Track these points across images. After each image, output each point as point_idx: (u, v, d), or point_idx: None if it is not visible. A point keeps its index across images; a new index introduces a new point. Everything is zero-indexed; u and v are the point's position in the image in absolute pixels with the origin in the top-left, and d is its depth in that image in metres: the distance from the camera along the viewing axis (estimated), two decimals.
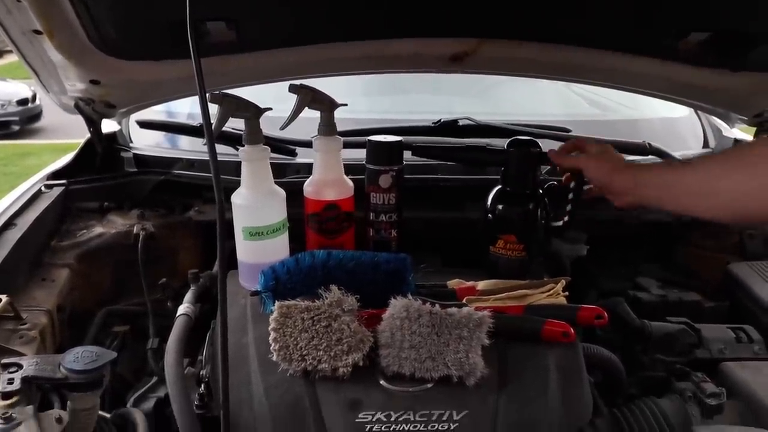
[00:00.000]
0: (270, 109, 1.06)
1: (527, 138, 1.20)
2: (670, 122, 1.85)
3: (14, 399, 0.79)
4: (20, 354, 0.92)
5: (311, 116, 1.13)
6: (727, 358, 1.10)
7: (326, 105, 1.10)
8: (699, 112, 1.78)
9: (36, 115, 9.34)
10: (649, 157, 1.49)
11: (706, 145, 1.75)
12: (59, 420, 0.79)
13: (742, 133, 1.72)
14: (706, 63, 1.27)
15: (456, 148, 1.36)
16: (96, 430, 0.93)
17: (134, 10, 1.08)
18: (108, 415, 0.97)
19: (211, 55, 1.20)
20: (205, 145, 0.86)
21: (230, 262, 1.13)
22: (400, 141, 1.14)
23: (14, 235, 1.15)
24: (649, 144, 1.49)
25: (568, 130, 1.54)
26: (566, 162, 1.09)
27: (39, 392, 0.85)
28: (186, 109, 1.74)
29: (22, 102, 9.11)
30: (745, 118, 1.51)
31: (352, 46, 1.26)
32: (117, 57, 1.19)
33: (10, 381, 0.82)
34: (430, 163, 1.42)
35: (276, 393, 0.90)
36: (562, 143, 1.14)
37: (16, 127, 8.98)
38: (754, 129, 1.56)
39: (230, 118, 1.03)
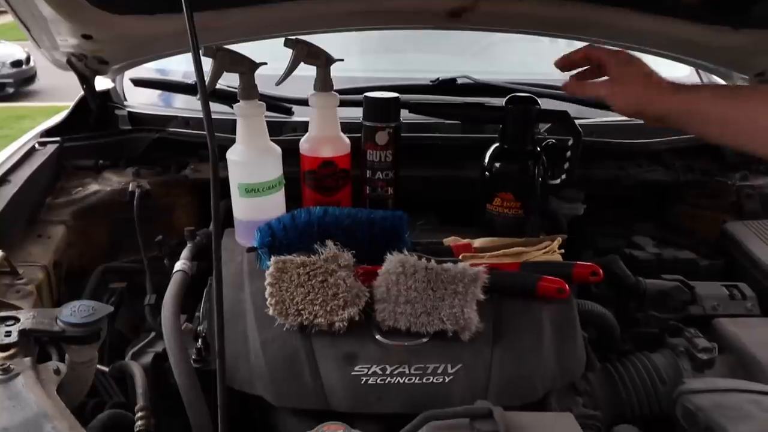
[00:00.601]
0: (265, 63, 1.04)
1: (526, 95, 1.18)
2: None
3: (12, 351, 0.80)
4: (17, 308, 0.92)
5: (307, 74, 1.11)
6: (720, 314, 1.11)
7: (322, 60, 1.09)
8: (700, 71, 1.76)
9: (30, 77, 9.23)
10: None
11: None
12: (57, 372, 0.80)
13: None
14: (707, 20, 1.25)
15: (454, 105, 1.35)
16: (95, 384, 0.94)
17: None
18: (106, 369, 0.98)
19: (205, 9, 1.18)
20: (198, 100, 0.85)
21: (227, 219, 1.13)
22: (397, 97, 1.13)
23: (8, 191, 1.14)
24: None
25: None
26: (586, 92, 0.96)
27: (37, 346, 0.86)
28: (181, 67, 1.71)
29: (16, 64, 8.99)
30: (747, 77, 1.49)
31: (349, 1, 1.24)
32: (109, 11, 1.16)
33: (8, 333, 0.82)
34: (427, 121, 1.41)
35: (272, 347, 0.91)
36: (565, 55, 1.01)
37: (11, 90, 8.88)
38: None
39: (225, 73, 1.01)
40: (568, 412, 0.86)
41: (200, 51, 0.82)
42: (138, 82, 1.52)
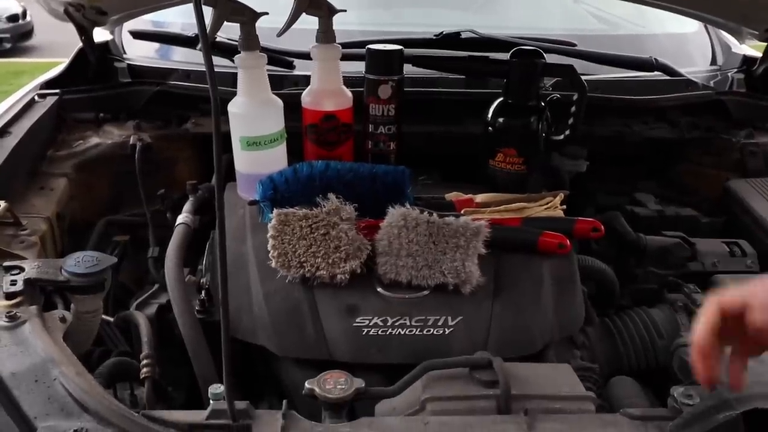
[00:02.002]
0: (266, 13, 1.02)
1: (531, 48, 1.16)
2: (678, 38, 1.79)
3: (18, 299, 0.81)
4: (22, 258, 0.93)
5: (309, 27, 1.09)
6: (719, 271, 1.11)
7: (324, 10, 1.07)
8: (709, 27, 1.73)
9: (27, 33, 9.07)
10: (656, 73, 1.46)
11: (714, 62, 1.70)
12: (63, 319, 0.81)
13: (752, 49, 1.68)
14: None
15: (457, 59, 1.32)
16: (100, 333, 0.96)
17: None
18: (111, 319, 0.99)
19: None
20: (199, 50, 0.83)
21: (229, 173, 1.13)
22: (400, 49, 1.11)
23: (9, 142, 1.14)
24: (655, 59, 1.45)
25: (574, 44, 1.49)
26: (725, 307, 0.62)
27: (42, 295, 0.87)
28: (179, 19, 1.68)
29: (12, 18, 8.82)
30: (756, 33, 1.46)
31: None
32: None
33: (13, 282, 0.83)
34: (430, 76, 1.39)
35: (275, 299, 0.92)
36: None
37: (8, 45, 8.74)
38: (765, 45, 1.52)
39: (226, 23, 1.00)
40: (566, 364, 0.88)
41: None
42: (137, 35, 1.49)
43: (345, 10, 1.08)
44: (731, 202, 1.28)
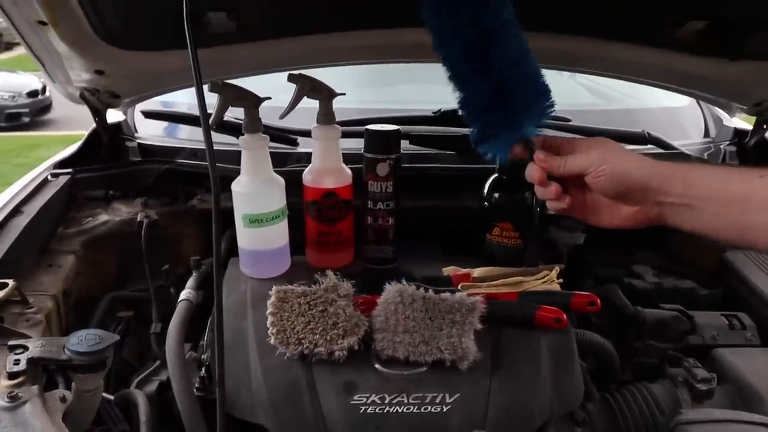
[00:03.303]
0: (269, 98, 1.08)
1: None
2: (672, 112, 1.85)
3: (20, 379, 0.82)
4: (26, 336, 0.94)
5: (312, 106, 1.14)
6: (719, 344, 1.11)
7: (324, 94, 1.12)
8: (700, 102, 1.78)
9: (46, 107, 9.43)
10: (649, 146, 1.50)
11: (707, 134, 1.75)
12: (63, 399, 0.82)
13: (743, 122, 1.72)
14: (704, 52, 1.27)
15: (453, 137, 1.37)
16: (100, 411, 0.96)
17: (139, 2, 1.10)
18: (112, 397, 1.00)
19: (212, 45, 1.22)
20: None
21: (232, 249, 1.16)
22: (397, 129, 1.16)
23: (21, 222, 1.18)
24: (648, 133, 1.50)
25: (568, 120, 1.55)
26: (565, 166, 0.81)
27: (44, 373, 0.88)
28: (185, 99, 1.76)
29: (33, 94, 9.19)
30: (745, 107, 1.51)
31: (352, 36, 1.27)
32: (121, 47, 1.20)
33: (17, 362, 0.85)
34: (427, 152, 1.44)
35: (274, 375, 0.92)
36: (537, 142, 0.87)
37: (27, 119, 9.07)
38: (754, 118, 1.56)
39: (230, 107, 1.05)
40: None
41: (206, 86, 0.85)
42: (148, 114, 1.56)
43: (344, 94, 1.13)
44: (729, 274, 1.29)
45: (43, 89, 9.24)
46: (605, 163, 0.77)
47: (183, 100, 1.76)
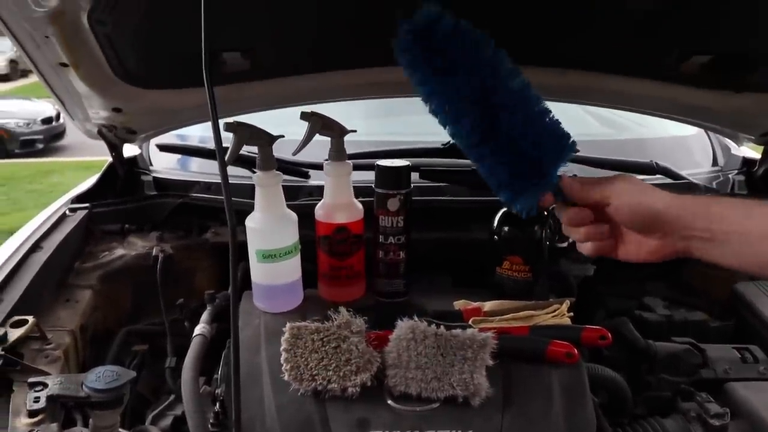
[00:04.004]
0: (282, 136, 1.10)
1: None
2: (680, 141, 1.86)
3: (40, 417, 0.84)
4: (45, 373, 0.96)
5: (323, 139, 1.17)
6: (732, 378, 1.11)
7: (336, 131, 1.14)
8: (708, 132, 1.80)
9: (60, 134, 9.58)
10: (657, 176, 1.51)
11: (715, 163, 1.76)
12: None
13: (751, 151, 1.73)
14: (709, 85, 1.30)
15: (462, 172, 1.39)
16: None
17: (155, 43, 1.13)
18: None
19: (227, 83, 1.26)
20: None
21: (245, 282, 1.18)
22: (408, 165, 1.18)
23: (40, 257, 1.20)
24: (656, 163, 1.51)
25: (577, 150, 1.56)
26: (589, 195, 0.82)
27: (63, 410, 0.90)
28: (197, 132, 1.80)
29: (47, 121, 9.35)
30: (752, 137, 1.53)
31: (362, 73, 1.31)
32: (138, 86, 1.24)
33: (36, 399, 0.87)
34: (438, 184, 1.46)
35: (287, 411, 0.93)
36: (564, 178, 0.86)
37: (41, 146, 9.21)
38: (762, 147, 1.57)
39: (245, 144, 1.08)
40: None
41: (220, 124, 0.88)
42: (163, 148, 1.59)
43: (355, 131, 1.16)
44: (740, 305, 1.29)
45: (57, 116, 9.39)
46: (627, 193, 0.79)
47: (195, 132, 1.80)
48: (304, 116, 1.10)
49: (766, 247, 0.70)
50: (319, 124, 1.12)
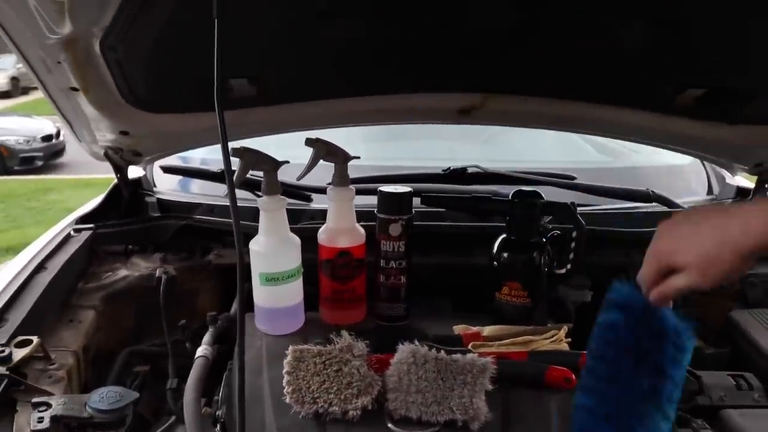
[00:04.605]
0: (287, 162, 1.12)
1: (530, 189, 1.25)
2: (676, 169, 1.89)
3: None
4: (49, 393, 0.97)
5: (326, 163, 1.19)
6: (727, 405, 1.12)
7: (340, 158, 1.17)
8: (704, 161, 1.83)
9: (59, 151, 9.61)
10: (653, 204, 1.54)
11: (710, 191, 1.79)
12: None
13: (746, 180, 1.76)
14: (703, 116, 1.33)
15: (463, 198, 1.42)
16: None
17: (165, 69, 1.16)
18: None
19: (234, 108, 1.28)
20: (226, 196, 0.93)
21: (248, 303, 1.19)
22: (410, 191, 1.20)
23: (45, 278, 1.22)
24: (652, 191, 1.54)
25: (573, 178, 1.60)
26: (665, 292, 0.82)
27: (66, 430, 0.91)
28: (199, 154, 1.82)
29: (47, 138, 9.38)
30: (746, 168, 1.55)
31: (365, 101, 1.34)
32: (146, 110, 1.27)
33: (40, 419, 0.88)
34: (438, 210, 1.48)
35: None
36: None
37: (40, 163, 9.23)
38: (756, 177, 1.60)
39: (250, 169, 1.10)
40: None
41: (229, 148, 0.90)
42: (168, 170, 1.62)
43: (359, 157, 1.18)
44: (735, 333, 1.30)
45: (57, 134, 9.43)
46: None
47: (196, 155, 1.82)
48: (309, 143, 1.13)
49: None
50: (323, 151, 1.14)
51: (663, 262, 0.83)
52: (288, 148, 1.25)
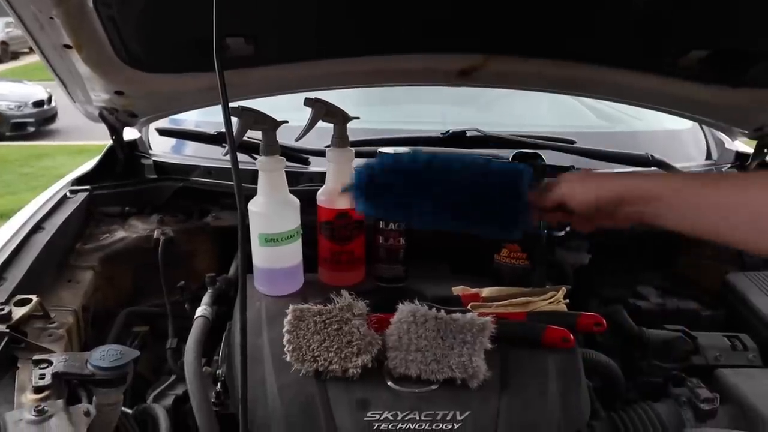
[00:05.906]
0: (286, 122, 1.11)
1: (531, 151, 1.24)
2: (674, 134, 1.89)
3: (46, 393, 0.85)
4: (50, 351, 0.97)
5: (324, 126, 1.18)
6: (722, 365, 1.14)
7: (339, 118, 1.15)
8: (703, 126, 1.82)
9: (51, 117, 9.48)
10: (652, 168, 1.54)
11: (708, 157, 1.79)
12: (87, 413, 0.84)
13: (744, 145, 1.76)
14: (706, 79, 1.31)
15: None
16: (119, 425, 0.99)
17: (160, 28, 1.14)
18: (130, 411, 1.02)
19: (230, 68, 1.25)
20: (226, 155, 0.92)
21: (245, 266, 1.19)
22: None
23: (42, 238, 1.21)
24: (651, 156, 1.53)
25: (573, 142, 1.59)
26: (549, 201, 0.90)
27: (67, 387, 0.91)
28: (193, 116, 1.80)
29: (38, 104, 9.24)
30: (746, 132, 1.55)
31: (364, 61, 1.32)
32: (141, 70, 1.25)
33: (42, 376, 0.88)
34: None
35: (289, 392, 0.95)
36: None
37: (32, 129, 9.11)
38: (755, 142, 1.60)
39: (249, 130, 1.09)
40: None
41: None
42: (163, 132, 1.60)
43: (358, 118, 1.17)
44: (731, 295, 1.32)
45: (49, 99, 9.30)
46: (579, 193, 0.87)
47: (190, 117, 1.80)
48: (308, 102, 1.11)
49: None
50: (322, 111, 1.13)
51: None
52: (282, 112, 1.23)
